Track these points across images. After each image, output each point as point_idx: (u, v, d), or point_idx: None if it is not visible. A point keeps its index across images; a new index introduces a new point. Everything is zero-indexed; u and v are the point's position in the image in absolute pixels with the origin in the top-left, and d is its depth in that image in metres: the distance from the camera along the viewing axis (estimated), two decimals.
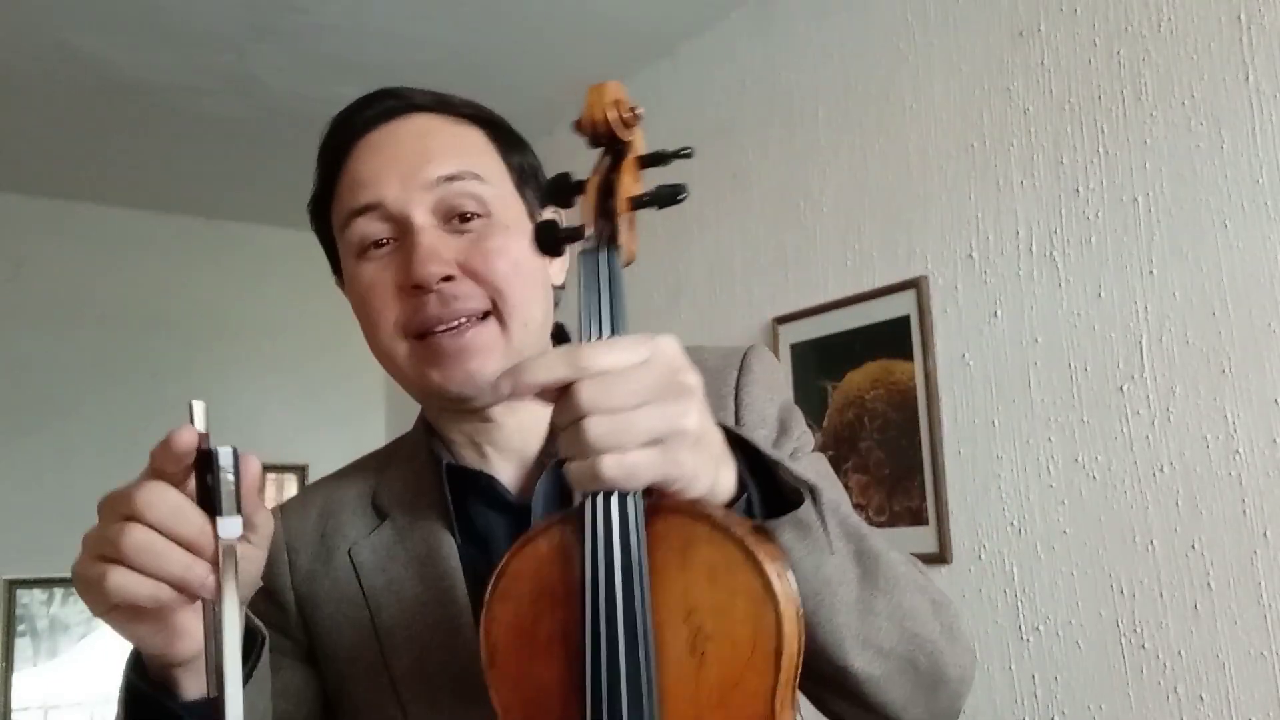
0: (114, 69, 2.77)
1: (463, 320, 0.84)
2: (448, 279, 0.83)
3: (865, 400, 2.19)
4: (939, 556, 1.99)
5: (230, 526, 0.61)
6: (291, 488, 3.89)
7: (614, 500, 0.62)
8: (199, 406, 0.63)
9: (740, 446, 0.67)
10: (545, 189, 0.78)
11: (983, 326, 1.97)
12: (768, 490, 0.68)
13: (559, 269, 0.94)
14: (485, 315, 0.85)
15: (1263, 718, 1.54)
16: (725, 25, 2.62)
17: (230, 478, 0.62)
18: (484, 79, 2.85)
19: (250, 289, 3.98)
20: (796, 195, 2.38)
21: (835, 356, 2.26)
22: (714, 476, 0.63)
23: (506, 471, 0.90)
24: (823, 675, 0.69)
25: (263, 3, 2.47)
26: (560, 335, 0.95)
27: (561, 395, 0.60)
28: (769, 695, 0.60)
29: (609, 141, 0.69)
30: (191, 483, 0.63)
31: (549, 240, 0.70)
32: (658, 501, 0.63)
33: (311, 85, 2.88)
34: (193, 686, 0.67)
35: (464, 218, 0.85)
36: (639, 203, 0.68)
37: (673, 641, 0.62)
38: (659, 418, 0.59)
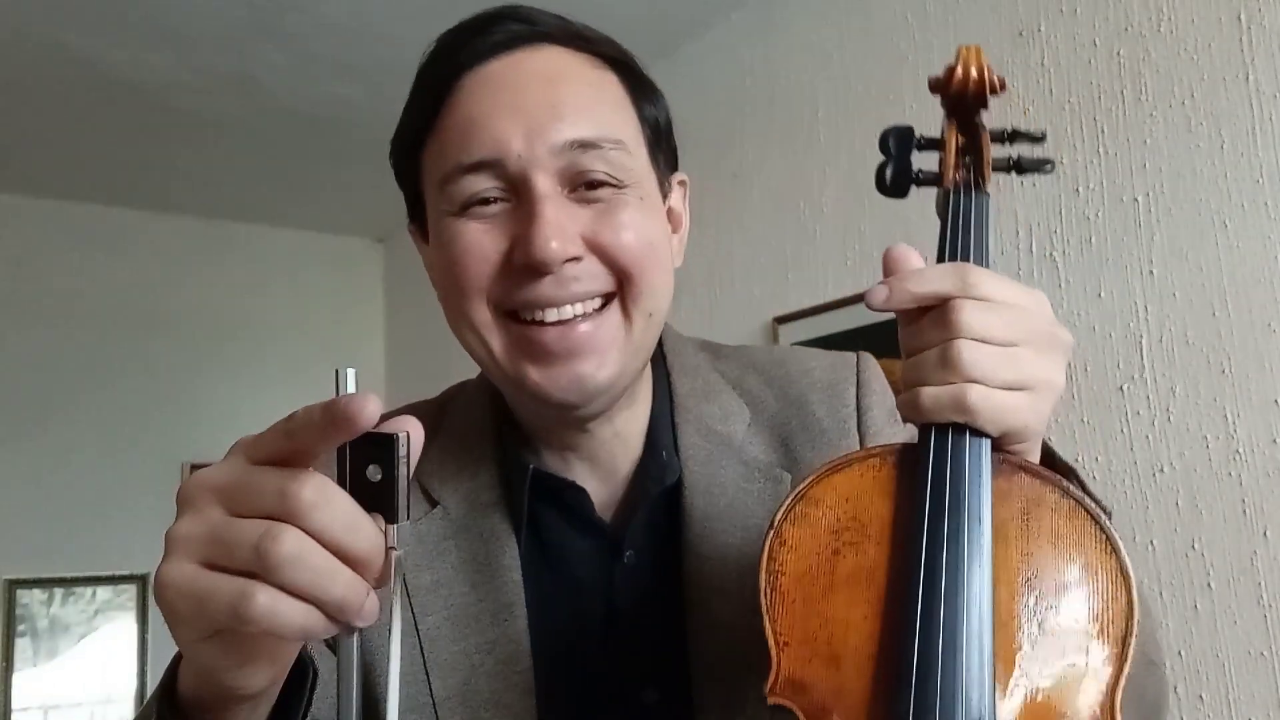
0: (114, 69, 2.77)
1: (578, 310, 0.71)
2: (573, 259, 0.70)
3: None
4: None
5: (401, 535, 0.48)
6: None
7: (966, 438, 0.56)
8: (351, 374, 0.47)
9: None
10: (894, 141, 0.68)
11: None
12: None
13: (679, 248, 0.82)
14: (605, 301, 0.72)
15: (1263, 718, 1.54)
16: (725, 25, 2.62)
17: (406, 471, 0.47)
18: None
19: (250, 289, 3.98)
20: (796, 195, 2.38)
21: None
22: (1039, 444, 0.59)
23: (591, 486, 0.79)
24: None
25: (263, 3, 2.47)
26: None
27: (929, 313, 0.56)
28: (1111, 687, 0.55)
29: (975, 101, 0.66)
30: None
31: (902, 181, 0.66)
32: (999, 455, 0.58)
33: (311, 85, 2.87)
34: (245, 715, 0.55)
35: (592, 184, 0.71)
36: (1002, 165, 0.65)
37: (1008, 606, 0.56)
38: (1035, 363, 0.56)
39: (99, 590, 3.50)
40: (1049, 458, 0.64)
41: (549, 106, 0.71)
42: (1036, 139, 0.67)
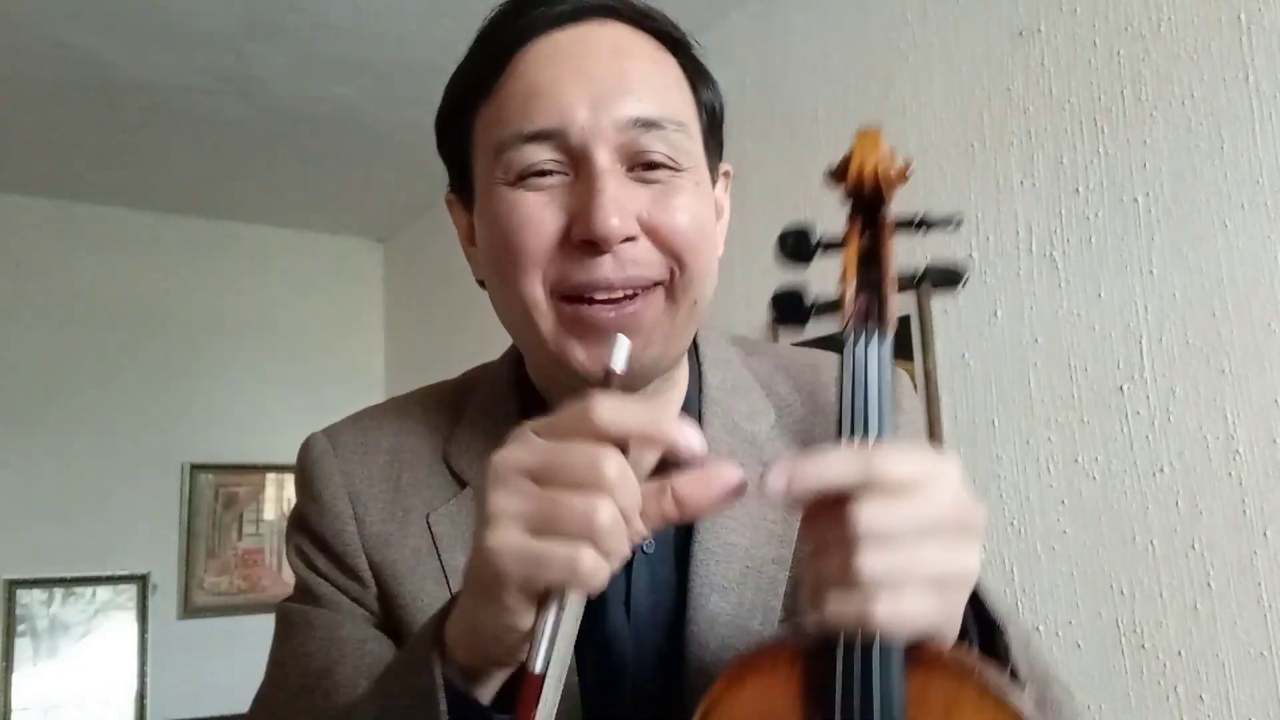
0: (114, 69, 2.77)
1: (633, 292, 0.70)
2: (629, 239, 0.69)
3: None
4: None
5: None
6: (291, 489, 3.88)
7: (875, 651, 0.52)
8: (625, 343, 0.54)
9: None
10: (784, 247, 0.65)
11: (983, 326, 1.97)
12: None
13: (720, 238, 0.82)
14: (654, 285, 0.71)
15: (1263, 718, 1.54)
16: (725, 25, 2.62)
17: None
18: None
19: (250, 289, 3.98)
20: (796, 195, 2.38)
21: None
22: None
23: None
24: None
25: (263, 3, 2.47)
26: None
27: (829, 508, 0.51)
28: None
29: (873, 199, 0.59)
30: None
31: (795, 313, 0.61)
32: (914, 650, 0.54)
33: (311, 85, 2.87)
34: (489, 692, 0.60)
35: (650, 165, 0.71)
36: (911, 281, 0.58)
37: None
38: (946, 558, 0.51)
39: (99, 590, 3.50)
40: (979, 605, 0.62)
41: (617, 79, 0.70)
42: (949, 224, 0.59)
